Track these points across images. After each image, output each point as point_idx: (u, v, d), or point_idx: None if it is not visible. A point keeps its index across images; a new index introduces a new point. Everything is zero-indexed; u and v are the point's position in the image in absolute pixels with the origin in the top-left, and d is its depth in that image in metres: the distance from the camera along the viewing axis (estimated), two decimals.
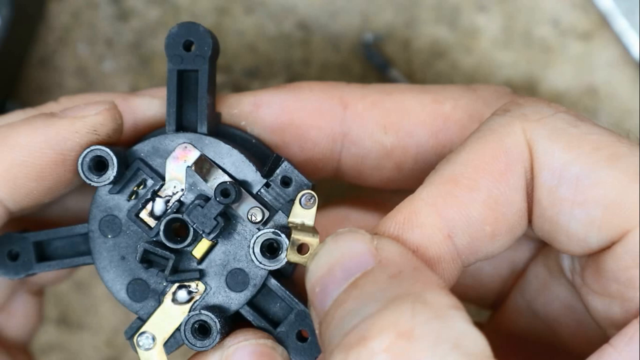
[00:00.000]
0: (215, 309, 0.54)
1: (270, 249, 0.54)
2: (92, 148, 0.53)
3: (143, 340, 0.54)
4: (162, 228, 0.54)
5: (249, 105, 0.58)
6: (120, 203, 0.55)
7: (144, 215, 0.55)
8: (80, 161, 0.53)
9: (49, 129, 0.53)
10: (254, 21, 0.73)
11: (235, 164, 0.55)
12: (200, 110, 0.55)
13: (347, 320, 0.46)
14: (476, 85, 0.61)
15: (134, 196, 0.55)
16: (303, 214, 0.54)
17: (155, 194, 0.55)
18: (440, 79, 0.73)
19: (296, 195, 0.54)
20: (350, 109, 0.59)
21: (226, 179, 0.54)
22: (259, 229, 0.54)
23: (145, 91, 0.59)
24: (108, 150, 0.53)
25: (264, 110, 0.58)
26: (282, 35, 0.73)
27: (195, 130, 0.55)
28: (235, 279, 0.54)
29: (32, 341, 0.66)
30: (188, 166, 0.54)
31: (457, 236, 0.51)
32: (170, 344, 0.54)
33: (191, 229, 0.53)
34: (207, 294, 0.54)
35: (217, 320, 0.53)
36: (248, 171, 0.55)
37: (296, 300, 0.54)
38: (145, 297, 0.55)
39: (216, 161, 0.55)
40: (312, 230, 0.53)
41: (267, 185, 0.54)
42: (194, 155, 0.55)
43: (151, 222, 0.54)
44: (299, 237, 0.53)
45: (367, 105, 0.59)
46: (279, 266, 0.53)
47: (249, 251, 0.54)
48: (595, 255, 0.51)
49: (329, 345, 0.47)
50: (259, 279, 0.54)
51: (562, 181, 0.50)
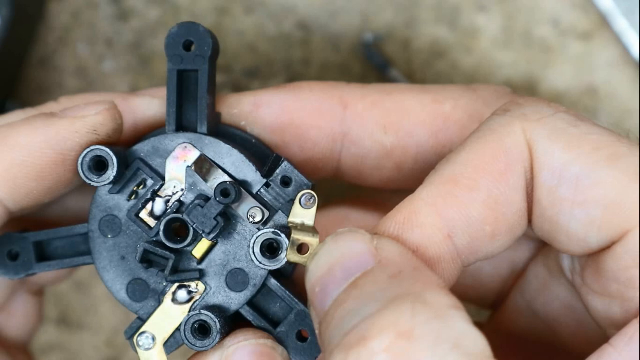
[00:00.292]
0: (215, 309, 0.54)
1: (270, 249, 0.54)
2: (92, 148, 0.53)
3: (143, 340, 0.54)
4: (162, 228, 0.54)
5: (249, 105, 0.58)
6: (120, 203, 0.55)
7: (144, 215, 0.55)
8: (80, 161, 0.53)
9: (49, 129, 0.53)
10: (254, 21, 0.73)
11: (235, 164, 0.55)
12: (200, 110, 0.55)
13: (347, 320, 0.46)
14: (476, 85, 0.61)
15: (134, 196, 0.55)
16: (303, 214, 0.54)
17: (155, 194, 0.55)
18: (440, 79, 0.73)
19: (296, 195, 0.54)
20: (350, 109, 0.59)
21: (226, 179, 0.54)
22: (259, 229, 0.54)
23: (145, 91, 0.59)
24: (108, 150, 0.53)
25: (264, 110, 0.58)
26: (282, 35, 0.73)
27: (195, 130, 0.55)
28: (235, 279, 0.54)
29: (32, 341, 0.66)
30: (188, 166, 0.54)
31: (457, 236, 0.51)
32: (170, 344, 0.54)
33: (191, 229, 0.53)
34: (207, 294, 0.54)
35: (217, 320, 0.53)
36: (248, 171, 0.55)
37: (296, 300, 0.54)
38: (145, 297, 0.55)
39: (216, 161, 0.55)
40: (312, 230, 0.53)
41: (267, 185, 0.54)
42: (194, 155, 0.55)
43: (151, 222, 0.54)
44: (299, 237, 0.53)
45: (367, 105, 0.59)
46: (279, 266, 0.53)
47: (249, 251, 0.54)
48: (595, 255, 0.51)
49: (329, 345, 0.47)
50: (259, 279, 0.54)
51: (562, 181, 0.50)
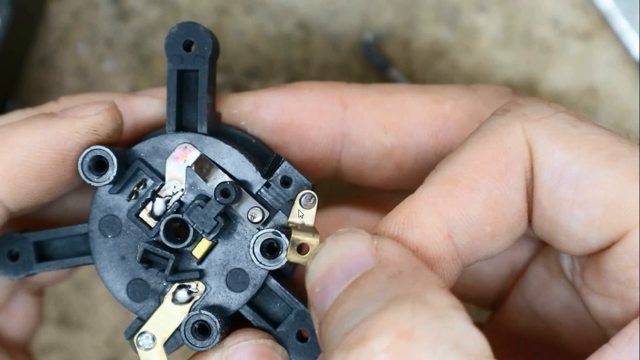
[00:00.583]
0: (215, 309, 0.54)
1: (270, 249, 0.54)
2: (92, 148, 0.53)
3: (143, 340, 0.54)
4: (162, 228, 0.54)
5: (249, 105, 0.58)
6: (120, 203, 0.55)
7: (144, 215, 0.55)
8: (80, 161, 0.53)
9: (49, 129, 0.53)
10: (254, 21, 0.73)
11: (235, 164, 0.55)
12: (200, 110, 0.55)
13: (347, 320, 0.46)
14: (476, 85, 0.61)
15: (134, 196, 0.55)
16: (303, 213, 0.54)
17: (155, 194, 0.55)
18: (440, 79, 0.73)
19: (296, 195, 0.54)
20: (350, 109, 0.59)
21: (226, 179, 0.54)
22: (259, 229, 0.54)
23: (145, 91, 0.59)
24: (108, 150, 0.53)
25: (264, 110, 0.58)
26: (282, 35, 0.73)
27: (195, 130, 0.55)
28: (235, 279, 0.54)
29: (32, 341, 0.66)
30: (188, 166, 0.54)
31: (457, 236, 0.51)
32: (170, 344, 0.54)
33: (191, 229, 0.53)
34: (207, 294, 0.54)
35: (217, 320, 0.53)
36: (248, 171, 0.55)
37: (296, 300, 0.54)
38: (145, 297, 0.55)
39: (216, 161, 0.55)
40: (312, 230, 0.53)
41: (267, 185, 0.54)
42: (194, 155, 0.55)
43: (151, 222, 0.54)
44: (299, 237, 0.53)
45: (367, 105, 0.59)
46: (279, 266, 0.53)
47: (249, 251, 0.54)
48: (595, 255, 0.51)
49: (329, 345, 0.47)
50: (259, 279, 0.54)
51: (562, 181, 0.50)
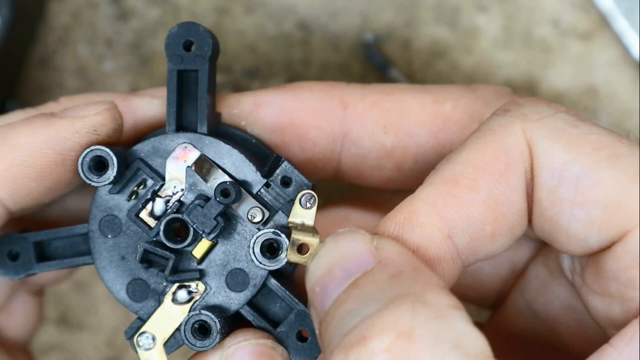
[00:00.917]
0: (215, 309, 0.54)
1: (270, 249, 0.54)
2: (92, 148, 0.53)
3: (143, 340, 0.54)
4: (162, 228, 0.54)
5: (249, 105, 0.58)
6: (120, 203, 0.55)
7: (144, 215, 0.55)
8: (80, 161, 0.53)
9: (49, 129, 0.53)
10: (254, 21, 0.73)
11: (235, 164, 0.55)
12: (200, 110, 0.55)
13: (347, 320, 0.46)
14: (476, 85, 0.61)
15: (134, 196, 0.55)
16: (303, 214, 0.54)
17: (155, 194, 0.55)
18: (440, 79, 0.73)
19: (296, 195, 0.54)
20: (350, 109, 0.59)
21: (226, 179, 0.54)
22: (259, 229, 0.54)
23: (145, 91, 0.59)
24: (108, 150, 0.53)
25: (264, 110, 0.58)
26: (282, 35, 0.73)
27: (195, 130, 0.55)
28: (235, 279, 0.54)
29: (32, 341, 0.66)
30: (188, 166, 0.54)
31: (457, 236, 0.51)
32: (170, 344, 0.54)
33: (191, 229, 0.53)
34: (207, 294, 0.54)
35: (217, 320, 0.53)
36: (248, 171, 0.55)
37: (296, 300, 0.54)
38: (145, 297, 0.55)
39: (216, 161, 0.55)
40: (312, 230, 0.53)
41: (267, 185, 0.54)
42: (194, 155, 0.55)
43: (151, 222, 0.54)
44: (299, 237, 0.53)
45: (367, 105, 0.59)
46: (279, 266, 0.53)
47: (249, 251, 0.54)
48: (595, 255, 0.51)
49: (329, 345, 0.47)
50: (259, 279, 0.54)
51: (562, 181, 0.50)
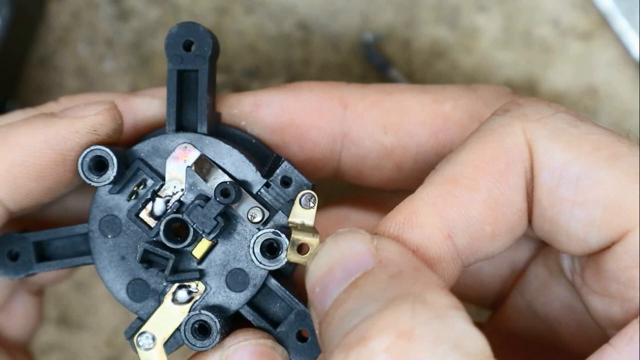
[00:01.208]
0: (215, 309, 0.54)
1: (270, 249, 0.54)
2: (92, 148, 0.53)
3: (143, 340, 0.54)
4: (162, 228, 0.54)
5: (249, 105, 0.58)
6: (120, 203, 0.55)
7: (144, 215, 0.55)
8: (80, 161, 0.53)
9: (49, 129, 0.53)
10: (254, 21, 0.73)
11: (235, 164, 0.55)
12: (200, 110, 0.55)
13: (347, 320, 0.46)
14: (476, 85, 0.61)
15: (134, 196, 0.55)
16: (303, 214, 0.54)
17: (155, 194, 0.55)
18: (440, 79, 0.73)
19: (296, 195, 0.54)
20: (350, 109, 0.59)
21: (226, 179, 0.54)
22: (259, 229, 0.54)
23: (145, 91, 0.59)
24: (108, 150, 0.53)
25: (264, 110, 0.58)
26: (282, 35, 0.73)
27: (195, 130, 0.55)
28: (235, 279, 0.54)
29: (32, 341, 0.66)
30: (188, 166, 0.54)
31: (457, 236, 0.51)
32: (170, 344, 0.54)
33: (191, 229, 0.53)
34: (207, 294, 0.54)
35: (217, 320, 0.53)
36: (248, 171, 0.55)
37: (296, 300, 0.54)
38: (145, 297, 0.55)
39: (216, 161, 0.55)
40: (312, 230, 0.53)
41: (267, 185, 0.54)
42: (194, 155, 0.55)
43: (151, 222, 0.54)
44: (299, 237, 0.53)
45: (367, 105, 0.59)
46: (279, 266, 0.53)
47: (249, 251, 0.54)
48: (595, 255, 0.51)
49: (329, 345, 0.47)
50: (259, 279, 0.54)
51: (562, 181, 0.50)
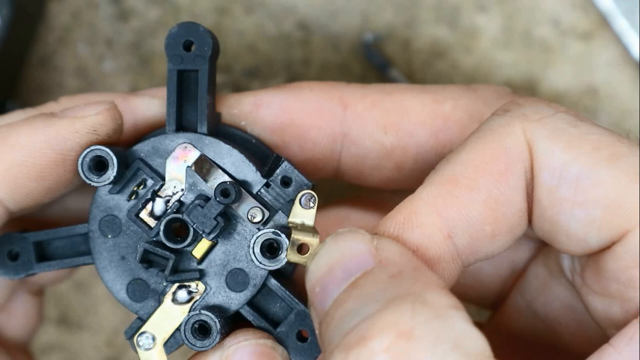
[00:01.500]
0: (215, 309, 0.54)
1: (270, 249, 0.54)
2: (92, 148, 0.53)
3: (143, 340, 0.54)
4: (162, 228, 0.54)
5: (249, 105, 0.58)
6: (120, 203, 0.55)
7: (144, 215, 0.55)
8: (80, 161, 0.53)
9: (49, 129, 0.53)
10: (254, 21, 0.73)
11: (235, 164, 0.55)
12: (200, 110, 0.55)
13: (347, 320, 0.46)
14: (476, 85, 0.61)
15: (134, 196, 0.55)
16: (303, 214, 0.54)
17: (155, 194, 0.55)
18: (440, 79, 0.73)
19: (296, 195, 0.54)
20: (350, 109, 0.59)
21: (226, 179, 0.54)
22: (259, 229, 0.54)
23: (145, 91, 0.59)
24: (108, 150, 0.53)
25: (264, 110, 0.58)
26: (282, 35, 0.73)
27: (195, 130, 0.55)
28: (235, 279, 0.54)
29: (32, 341, 0.66)
30: (188, 166, 0.54)
31: (457, 236, 0.51)
32: (170, 344, 0.54)
33: (191, 229, 0.53)
34: (207, 294, 0.54)
35: (217, 320, 0.53)
36: (248, 171, 0.55)
37: (296, 300, 0.54)
38: (145, 297, 0.55)
39: (216, 161, 0.55)
40: (312, 230, 0.53)
41: (267, 185, 0.54)
42: (194, 155, 0.55)
43: (151, 222, 0.54)
44: (299, 237, 0.53)
45: (367, 105, 0.59)
46: (279, 266, 0.53)
47: (249, 251, 0.54)
48: (595, 255, 0.51)
49: (329, 345, 0.47)
50: (259, 279, 0.54)
51: (562, 181, 0.50)
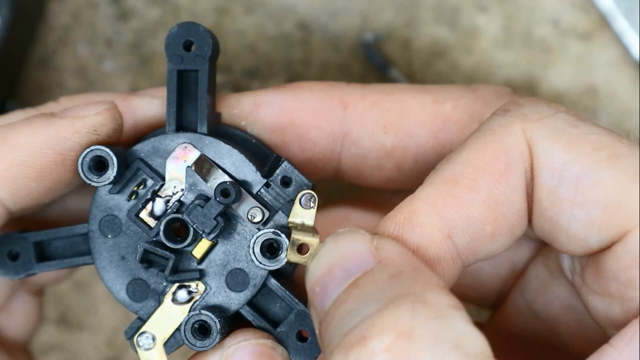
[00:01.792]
0: (215, 309, 0.54)
1: (270, 249, 0.54)
2: (92, 148, 0.53)
3: (143, 340, 0.54)
4: (162, 228, 0.54)
5: (249, 105, 0.58)
6: (120, 203, 0.55)
7: (144, 215, 0.55)
8: (80, 161, 0.53)
9: (49, 129, 0.53)
10: (254, 21, 0.73)
11: (235, 164, 0.55)
12: (200, 110, 0.55)
13: (347, 320, 0.46)
14: (476, 85, 0.61)
15: (134, 196, 0.55)
16: (303, 214, 0.54)
17: (155, 194, 0.55)
18: (440, 79, 0.73)
19: (296, 195, 0.54)
20: (350, 109, 0.59)
21: (226, 179, 0.54)
22: (259, 229, 0.54)
23: (145, 91, 0.59)
24: (108, 150, 0.53)
25: (264, 110, 0.58)
26: (282, 35, 0.73)
27: (195, 130, 0.55)
28: (235, 279, 0.54)
29: (32, 341, 0.66)
30: (188, 166, 0.54)
31: (457, 236, 0.51)
32: (170, 344, 0.54)
33: (191, 229, 0.53)
34: (207, 294, 0.54)
35: (217, 320, 0.53)
36: (248, 171, 0.55)
37: (296, 300, 0.54)
38: (145, 297, 0.55)
39: (216, 161, 0.55)
40: (312, 230, 0.53)
41: (267, 185, 0.54)
42: (194, 155, 0.55)
43: (151, 222, 0.54)
44: (299, 237, 0.53)
45: (367, 105, 0.59)
46: (279, 266, 0.53)
47: (249, 251, 0.54)
48: (595, 255, 0.51)
49: (329, 345, 0.47)
50: (259, 279, 0.54)
51: (562, 181, 0.50)
